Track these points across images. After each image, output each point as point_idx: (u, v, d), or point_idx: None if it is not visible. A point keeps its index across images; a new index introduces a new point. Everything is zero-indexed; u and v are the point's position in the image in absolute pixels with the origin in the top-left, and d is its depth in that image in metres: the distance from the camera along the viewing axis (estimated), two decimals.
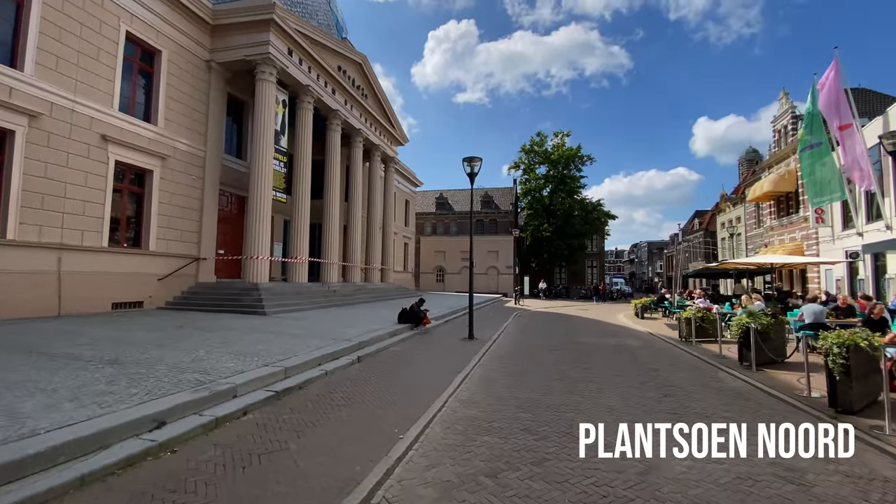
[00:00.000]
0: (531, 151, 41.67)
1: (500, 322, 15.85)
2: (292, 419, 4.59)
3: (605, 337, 12.15)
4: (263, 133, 15.05)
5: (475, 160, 10.94)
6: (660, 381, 6.92)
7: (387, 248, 25.90)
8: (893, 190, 15.79)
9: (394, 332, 10.30)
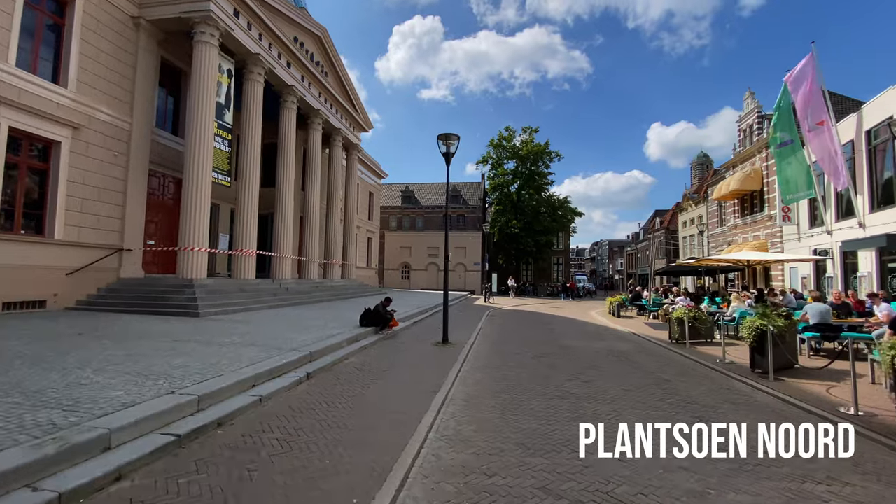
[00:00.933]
0: (499, 146, 40.73)
1: (473, 322, 14.51)
2: (191, 487, 2.96)
3: (592, 339, 11.04)
4: (202, 103, 12.91)
5: (452, 138, 9.48)
6: (678, 396, 5.74)
7: (348, 243, 24.01)
8: (867, 187, 15.72)
9: (355, 338, 8.68)
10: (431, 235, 40.19)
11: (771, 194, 24.32)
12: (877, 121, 15.18)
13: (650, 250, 24.46)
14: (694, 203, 38.94)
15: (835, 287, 17.98)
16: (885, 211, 14.82)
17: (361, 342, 8.68)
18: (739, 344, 10.40)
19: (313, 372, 6.16)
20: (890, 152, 14.79)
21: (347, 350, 7.80)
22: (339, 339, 8.18)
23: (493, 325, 13.94)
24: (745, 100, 27.50)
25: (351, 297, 20.37)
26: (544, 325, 14.29)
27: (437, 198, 42.82)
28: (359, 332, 9.18)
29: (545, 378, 6.59)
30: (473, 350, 8.96)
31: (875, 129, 15.39)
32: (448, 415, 4.80)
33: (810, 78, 17.17)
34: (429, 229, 40.85)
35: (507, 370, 7.17)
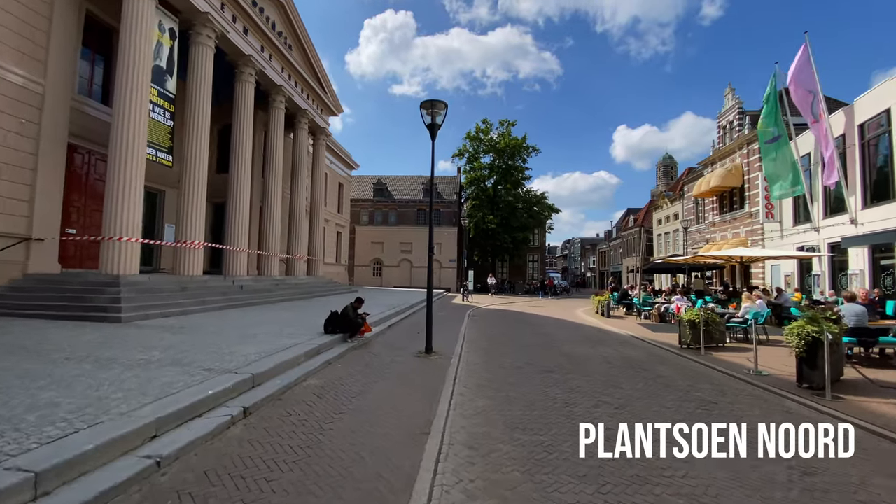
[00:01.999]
0: (476, 139, 39.32)
1: (455, 324, 12.97)
2: None
3: (594, 345, 9.71)
4: (135, 63, 10.74)
5: (438, 106, 7.86)
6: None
7: (315, 236, 21.95)
8: (860, 183, 15.19)
9: (317, 350, 6.95)
10: (405, 230, 38.39)
11: (752, 191, 24.00)
12: (871, 114, 14.64)
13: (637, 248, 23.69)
14: (669, 200, 38.85)
15: (823, 284, 17.57)
16: (879, 207, 14.30)
17: (325, 355, 6.95)
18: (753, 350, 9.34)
19: (255, 405, 4.43)
20: (884, 147, 14.26)
21: (306, 367, 6.07)
22: (296, 351, 6.44)
23: (479, 328, 12.44)
24: (726, 95, 27.17)
25: (317, 295, 18.42)
26: (535, 328, 12.92)
27: (411, 191, 41.02)
28: (322, 341, 7.45)
29: (565, 404, 5.11)
30: (464, 362, 7.41)
31: (868, 123, 14.86)
32: (450, 476, 3.23)
33: (806, 69, 16.57)
34: (402, 224, 38.98)
35: (511, 391, 5.65)
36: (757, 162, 23.57)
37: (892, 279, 13.73)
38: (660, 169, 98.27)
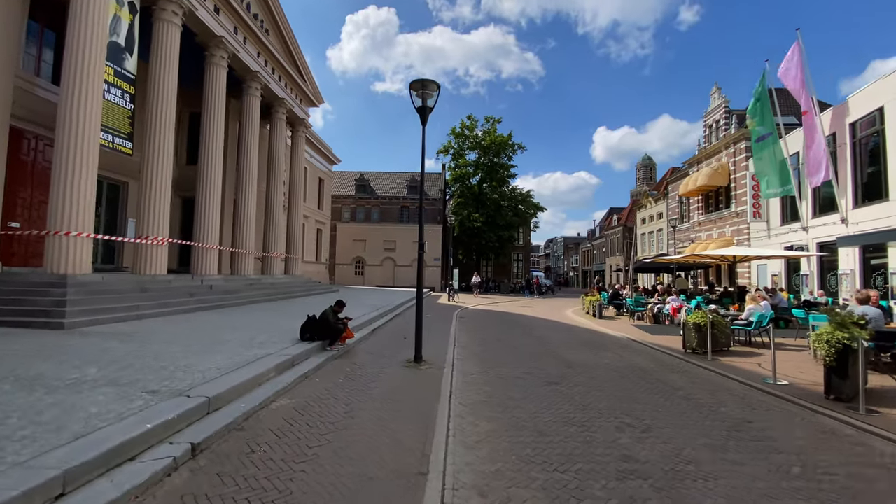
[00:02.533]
0: (461, 135, 38.56)
1: (443, 326, 12.19)
2: None
3: (595, 350, 9.06)
4: (87, 38, 9.58)
5: (429, 87, 7.05)
6: (788, 459, 3.75)
7: (293, 233, 20.83)
8: (851, 182, 15.03)
9: (290, 361, 6.06)
10: (388, 228, 37.37)
11: (739, 190, 23.95)
12: (863, 112, 14.48)
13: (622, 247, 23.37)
14: (654, 200, 38.91)
15: (811, 284, 17.46)
16: (870, 207, 14.14)
17: (301, 367, 6.07)
18: (762, 353, 8.87)
19: (207, 439, 3.55)
20: (876, 145, 14.09)
21: (277, 384, 5.19)
22: (266, 364, 5.54)
23: (469, 331, 11.68)
24: (712, 95, 27.12)
25: (295, 296, 17.38)
26: (528, 331, 12.23)
27: (395, 188, 40.00)
28: (298, 350, 6.56)
29: (582, 427, 4.39)
30: (458, 372, 6.63)
31: (860, 122, 14.70)
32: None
33: (798, 67, 16.37)
34: (385, 221, 37.94)
35: (517, 410, 4.90)
36: (744, 161, 23.52)
37: (885, 279, 13.57)
38: (639, 170, 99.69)
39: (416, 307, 7.36)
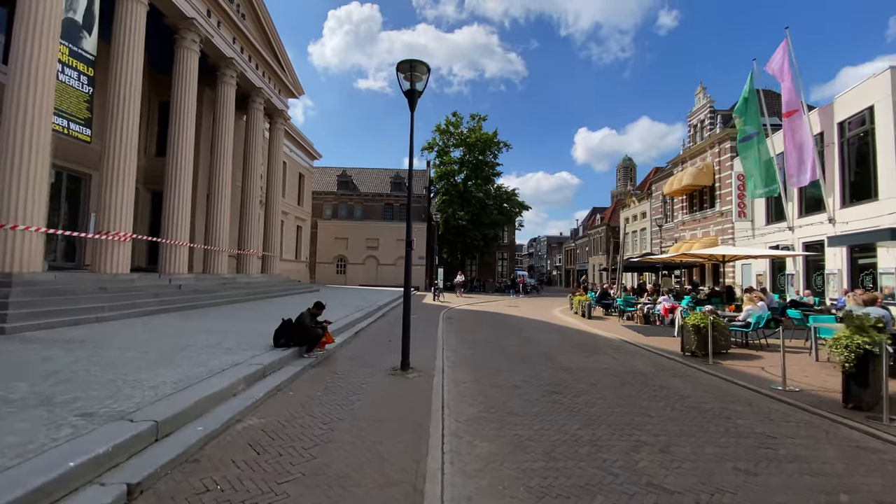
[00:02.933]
0: (446, 132, 37.95)
1: (430, 328, 11.60)
2: None
3: (590, 354, 8.61)
4: (38, 13, 8.65)
5: (418, 68, 6.45)
6: (828, 484, 3.32)
7: (271, 230, 19.92)
8: (839, 182, 15.03)
9: (262, 371, 5.39)
10: (371, 225, 36.52)
11: (723, 190, 24.02)
12: (852, 112, 14.46)
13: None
14: (637, 200, 39.06)
15: (797, 284, 17.49)
16: (858, 206, 14.14)
17: (273, 378, 5.41)
18: (762, 356, 8.57)
19: (151, 476, 2.89)
20: (865, 145, 14.08)
21: (245, 399, 4.53)
22: (233, 376, 4.87)
23: (457, 333, 11.12)
24: (697, 94, 27.18)
25: (272, 296, 16.54)
26: (518, 332, 11.74)
27: (378, 184, 39.11)
28: (271, 358, 5.88)
29: (594, 446, 3.87)
30: (449, 381, 6.07)
31: (849, 121, 14.70)
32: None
33: (785, 66, 16.33)
34: (368, 219, 37.06)
35: (519, 427, 4.36)
36: (728, 161, 23.61)
37: (873, 279, 13.57)
38: (620, 170, 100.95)
39: (404, 308, 6.75)
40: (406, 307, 6.74)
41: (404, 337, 6.55)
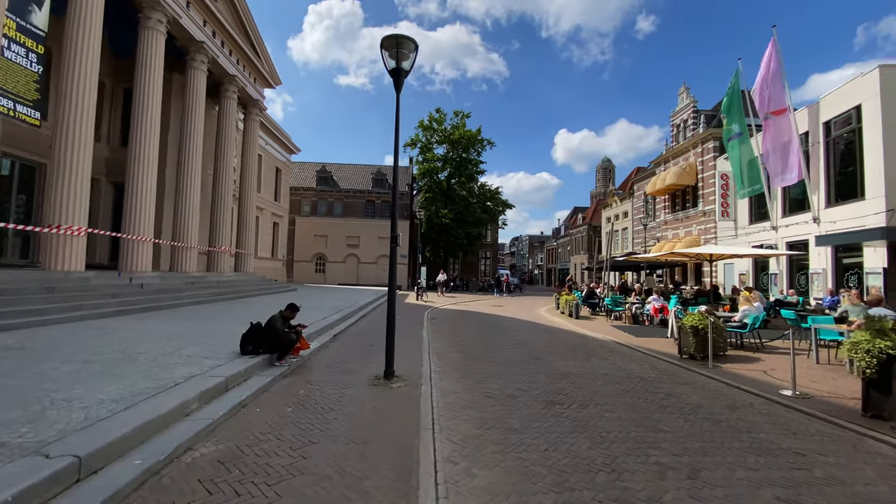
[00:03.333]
0: (429, 128, 37.29)
1: (414, 329, 10.98)
2: None
3: (586, 357, 8.14)
4: None
5: (405, 45, 5.83)
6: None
7: (245, 226, 18.92)
8: (824, 181, 15.05)
9: (223, 385, 4.69)
10: (351, 223, 35.57)
11: (706, 189, 24.12)
12: (839, 111, 14.48)
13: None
14: (619, 199, 39.21)
15: (780, 283, 17.54)
16: (844, 206, 14.14)
17: (236, 393, 4.71)
18: (761, 358, 8.26)
19: None
20: (852, 144, 14.10)
21: (199, 421, 3.83)
22: (187, 392, 4.16)
23: (443, 334, 10.53)
24: (680, 94, 27.27)
25: (246, 295, 15.62)
26: (506, 333, 11.23)
27: (359, 180, 38.12)
28: (235, 368, 5.18)
29: (612, 472, 3.34)
30: (438, 391, 5.48)
31: (835, 121, 14.72)
32: None
33: (771, 63, 16.28)
34: (349, 216, 36.08)
35: (523, 450, 3.79)
36: (711, 160, 23.70)
37: (858, 278, 13.59)
38: (599, 171, 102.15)
39: (388, 310, 6.12)
40: (391, 308, 6.11)
41: (389, 341, 5.93)
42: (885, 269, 12.28)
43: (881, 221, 12.30)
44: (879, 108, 12.45)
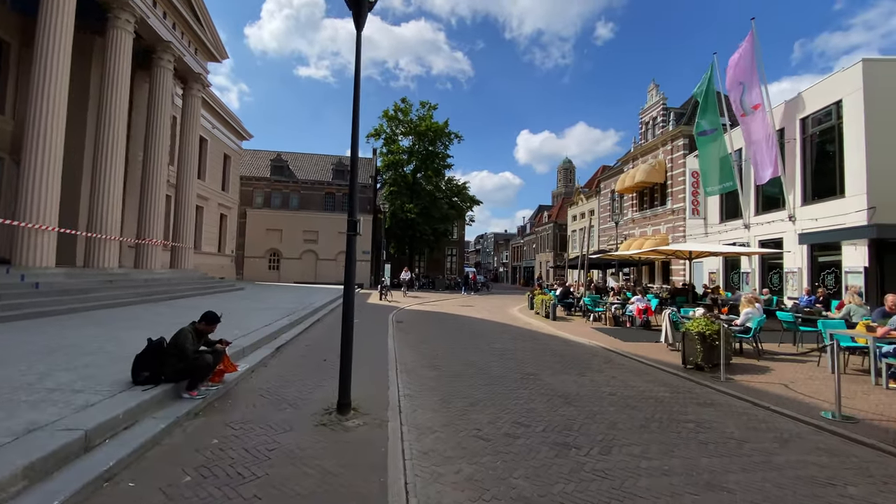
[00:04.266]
0: (394, 119, 35.49)
1: (378, 337, 9.46)
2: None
3: (580, 369, 6.96)
4: None
5: None
6: None
7: (183, 217, 16.62)
8: (800, 179, 14.78)
9: (80, 445, 3.05)
10: (309, 216, 33.23)
11: (675, 187, 23.93)
12: (816, 108, 14.20)
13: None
14: (585, 197, 39.06)
15: (752, 282, 17.32)
16: (821, 204, 13.85)
17: (106, 452, 3.09)
18: (770, 366, 7.40)
19: None
20: (831, 141, 13.83)
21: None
22: (13, 460, 2.52)
23: (412, 344, 9.09)
24: (650, 91, 27.05)
25: (181, 296, 13.51)
26: (483, 339, 9.92)
27: (318, 171, 35.71)
28: (113, 411, 3.53)
29: None
30: (412, 432, 4.06)
31: (814, 116, 14.45)
32: None
33: (748, 58, 15.90)
34: (306, 209, 33.66)
35: None
36: (681, 158, 23.50)
37: (835, 278, 13.34)
38: (560, 172, 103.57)
39: (344, 318, 4.60)
40: (347, 315, 4.59)
41: (344, 360, 4.43)
42: (865, 268, 11.97)
43: (862, 219, 11.98)
44: (862, 103, 12.12)
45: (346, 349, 4.48)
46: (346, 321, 4.57)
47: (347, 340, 4.52)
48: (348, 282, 4.65)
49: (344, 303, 4.61)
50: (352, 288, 4.65)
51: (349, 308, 4.64)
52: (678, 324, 8.68)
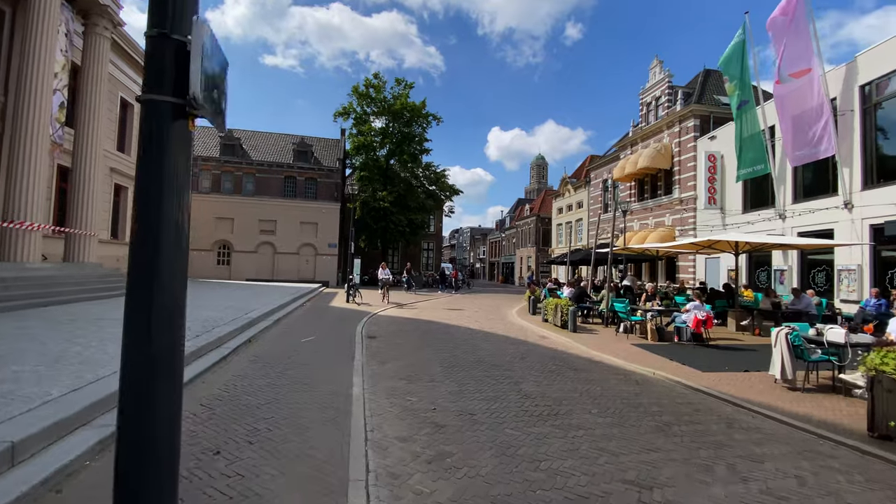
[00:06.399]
0: (366, 96, 31.57)
1: (336, 374, 5.98)
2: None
3: (718, 454, 3.79)
4: None
5: None
6: None
7: (85, 195, 12.50)
8: (860, 158, 12.25)
9: None
10: (266, 203, 28.98)
11: (684, 174, 21.36)
12: (883, 71, 11.68)
13: (532, 238, 19.23)
14: (573, 188, 36.46)
15: (790, 281, 14.82)
16: (891, 187, 11.35)
17: None
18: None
19: None
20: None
21: None
22: None
23: (393, 384, 5.70)
24: (652, 69, 24.41)
25: (69, 300, 9.58)
26: (496, 369, 6.63)
27: (277, 152, 31.30)
28: None
29: None
30: None
31: (878, 83, 11.93)
32: None
33: (791, 17, 13.26)
34: (262, 194, 29.30)
35: None
36: (691, 141, 20.94)
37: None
38: (533, 168, 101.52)
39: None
40: None
41: None
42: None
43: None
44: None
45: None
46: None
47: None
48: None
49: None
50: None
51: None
52: (803, 350, 5.70)
